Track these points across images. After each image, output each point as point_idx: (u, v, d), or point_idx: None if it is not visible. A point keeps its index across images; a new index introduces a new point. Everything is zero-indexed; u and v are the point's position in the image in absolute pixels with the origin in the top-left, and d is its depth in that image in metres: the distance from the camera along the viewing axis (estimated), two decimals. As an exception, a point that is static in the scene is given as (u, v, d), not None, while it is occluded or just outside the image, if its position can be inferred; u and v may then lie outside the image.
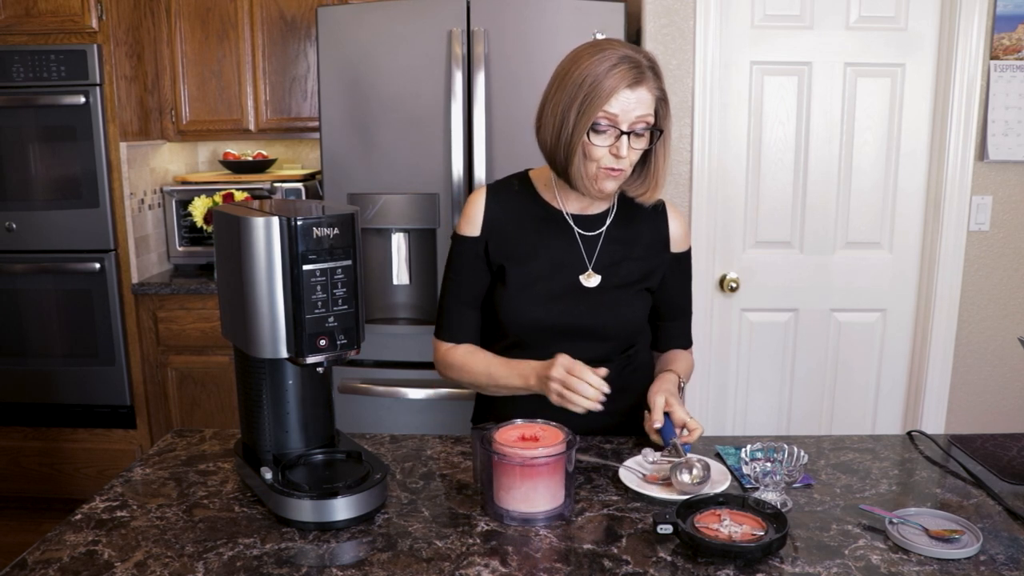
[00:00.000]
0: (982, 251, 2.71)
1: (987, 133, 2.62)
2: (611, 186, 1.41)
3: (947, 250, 2.69)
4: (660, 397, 1.40)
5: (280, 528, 1.17)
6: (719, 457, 1.41)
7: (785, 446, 1.26)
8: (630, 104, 1.33)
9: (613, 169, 1.38)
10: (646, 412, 1.42)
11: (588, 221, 1.51)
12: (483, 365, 1.49)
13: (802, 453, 1.24)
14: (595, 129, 1.34)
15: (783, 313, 2.81)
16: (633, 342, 1.56)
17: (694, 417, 1.39)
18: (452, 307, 1.55)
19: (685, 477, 1.27)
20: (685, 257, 1.60)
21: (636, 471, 1.34)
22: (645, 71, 1.34)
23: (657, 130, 1.39)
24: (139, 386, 3.05)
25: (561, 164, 1.40)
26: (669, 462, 1.30)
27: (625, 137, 1.35)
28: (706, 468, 1.28)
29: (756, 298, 2.80)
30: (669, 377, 1.49)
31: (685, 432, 1.37)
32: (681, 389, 1.51)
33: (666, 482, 1.28)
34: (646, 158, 1.44)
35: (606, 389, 1.31)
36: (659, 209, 1.56)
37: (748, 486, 1.29)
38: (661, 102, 1.38)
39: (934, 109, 2.67)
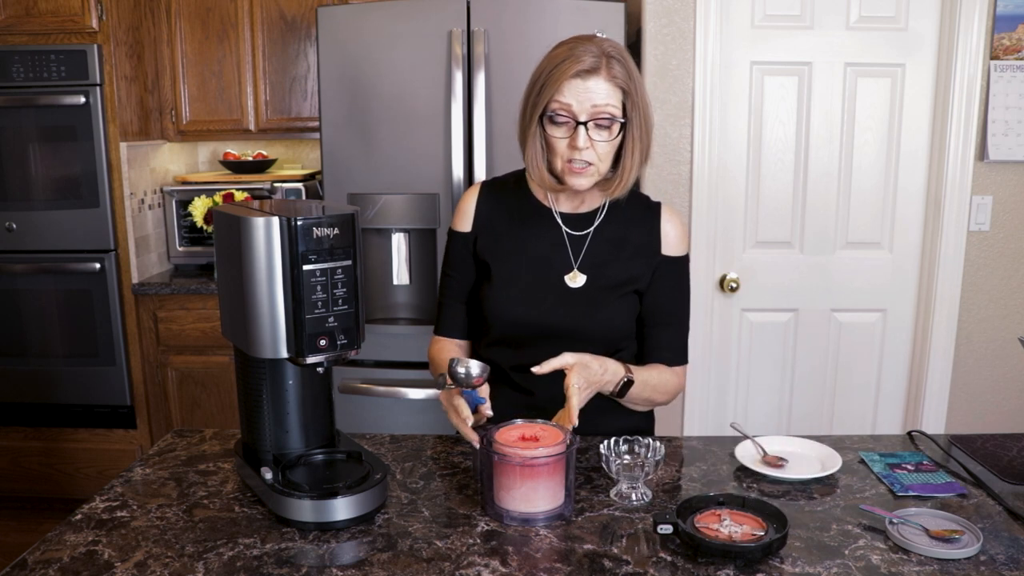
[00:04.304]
0: (982, 251, 2.71)
1: (987, 133, 2.62)
2: (580, 182, 1.39)
3: (947, 250, 2.69)
4: (574, 378, 1.32)
5: (280, 528, 1.17)
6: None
7: (650, 441, 1.28)
8: (585, 94, 1.32)
9: (577, 162, 1.36)
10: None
11: (578, 220, 1.50)
12: (437, 368, 1.52)
13: (659, 446, 1.26)
14: (553, 120, 1.35)
15: (783, 313, 2.81)
16: (618, 347, 1.50)
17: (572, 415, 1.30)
18: (447, 303, 1.57)
19: (460, 369, 1.27)
20: (679, 262, 1.52)
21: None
22: (600, 60, 1.32)
23: (621, 122, 1.36)
24: (139, 386, 3.05)
25: (524, 155, 1.42)
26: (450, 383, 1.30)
27: (582, 128, 1.34)
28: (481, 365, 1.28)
29: (756, 298, 2.80)
30: (599, 365, 1.38)
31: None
32: (626, 384, 1.41)
33: None
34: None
35: (473, 440, 1.27)
36: (654, 210, 1.52)
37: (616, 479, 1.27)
38: (626, 93, 1.35)
39: (934, 109, 2.67)
